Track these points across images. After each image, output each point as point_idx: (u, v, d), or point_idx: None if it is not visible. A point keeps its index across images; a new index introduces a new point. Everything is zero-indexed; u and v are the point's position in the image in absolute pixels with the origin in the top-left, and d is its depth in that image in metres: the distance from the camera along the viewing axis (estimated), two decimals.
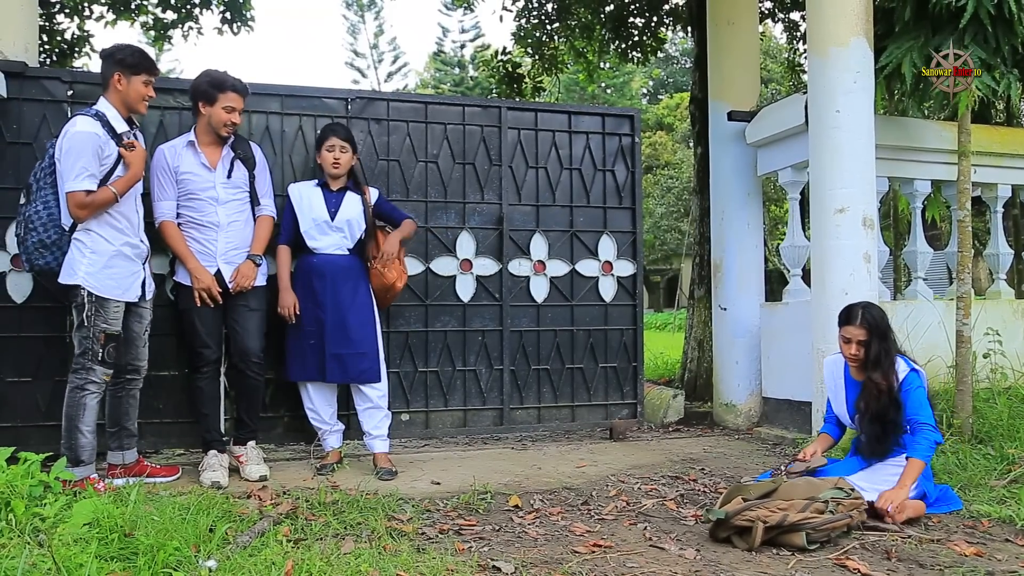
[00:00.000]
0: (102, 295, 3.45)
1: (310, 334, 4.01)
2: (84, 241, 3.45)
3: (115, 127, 3.47)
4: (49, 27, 8.17)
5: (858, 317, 3.39)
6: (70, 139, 3.35)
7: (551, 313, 4.98)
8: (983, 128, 5.45)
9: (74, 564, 2.16)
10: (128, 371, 3.69)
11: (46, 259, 3.47)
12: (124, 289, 3.54)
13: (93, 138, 3.36)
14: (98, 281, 3.45)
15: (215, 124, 3.83)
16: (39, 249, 3.46)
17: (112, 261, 3.50)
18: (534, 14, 9.38)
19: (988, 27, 4.29)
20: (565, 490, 3.72)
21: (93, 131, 3.37)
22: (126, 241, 3.55)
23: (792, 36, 9.95)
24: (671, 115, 30.94)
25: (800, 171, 5.33)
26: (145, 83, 3.56)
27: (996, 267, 5.73)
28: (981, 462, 3.76)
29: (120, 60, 3.50)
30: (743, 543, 2.84)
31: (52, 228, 3.44)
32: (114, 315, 3.50)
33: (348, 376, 4.02)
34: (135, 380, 3.74)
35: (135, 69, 3.51)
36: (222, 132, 3.86)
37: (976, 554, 2.77)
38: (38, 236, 3.44)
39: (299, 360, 4.04)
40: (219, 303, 3.85)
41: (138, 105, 3.58)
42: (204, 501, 3.08)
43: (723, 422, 5.71)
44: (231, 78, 3.85)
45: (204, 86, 3.82)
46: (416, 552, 2.69)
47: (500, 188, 4.90)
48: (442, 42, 37.61)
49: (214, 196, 3.86)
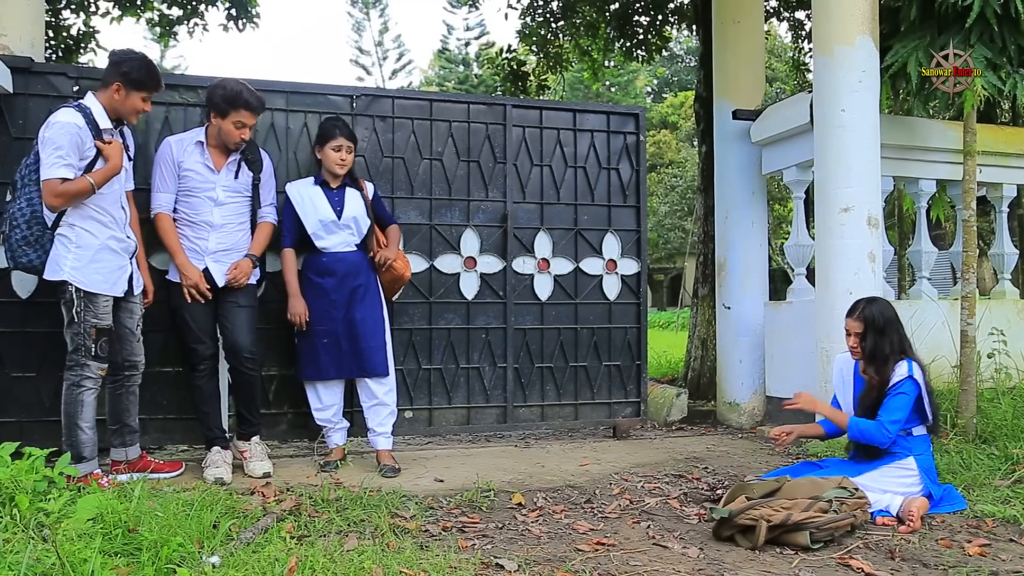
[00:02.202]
0: (90, 290, 3.42)
1: (324, 333, 4.01)
2: (69, 236, 3.41)
3: (98, 123, 3.43)
4: (55, 23, 8.17)
5: (857, 310, 3.45)
6: (51, 128, 3.31)
7: (555, 311, 4.98)
8: (989, 128, 5.44)
9: (78, 559, 2.16)
10: (126, 367, 3.69)
11: (29, 256, 3.40)
12: (111, 283, 3.51)
13: (73, 128, 3.31)
14: (85, 276, 3.41)
15: (225, 139, 3.82)
16: (22, 246, 3.39)
17: (98, 255, 3.46)
18: (539, 12, 9.37)
19: (994, 26, 4.28)
20: (568, 488, 3.72)
21: (74, 122, 3.32)
22: (111, 235, 3.51)
23: (797, 35, 9.92)
24: (675, 113, 30.91)
25: (805, 170, 5.32)
26: (144, 99, 3.54)
27: (1001, 267, 5.72)
28: (985, 462, 3.76)
29: (125, 73, 3.46)
30: (747, 542, 2.84)
31: (35, 225, 3.38)
32: (103, 309, 3.47)
33: (365, 370, 4.03)
34: (133, 376, 3.73)
35: (137, 85, 3.48)
36: (231, 146, 3.85)
37: (980, 554, 2.77)
38: (21, 233, 3.37)
39: (313, 361, 4.04)
40: (209, 300, 3.84)
41: (130, 117, 3.56)
42: (208, 497, 3.08)
43: (726, 421, 5.71)
44: (247, 94, 3.78)
45: (218, 98, 3.78)
46: (419, 549, 2.69)
47: (504, 186, 4.89)
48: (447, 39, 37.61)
49: (213, 196, 3.85)
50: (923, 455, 3.35)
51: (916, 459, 3.31)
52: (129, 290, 3.62)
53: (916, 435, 3.37)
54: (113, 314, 3.55)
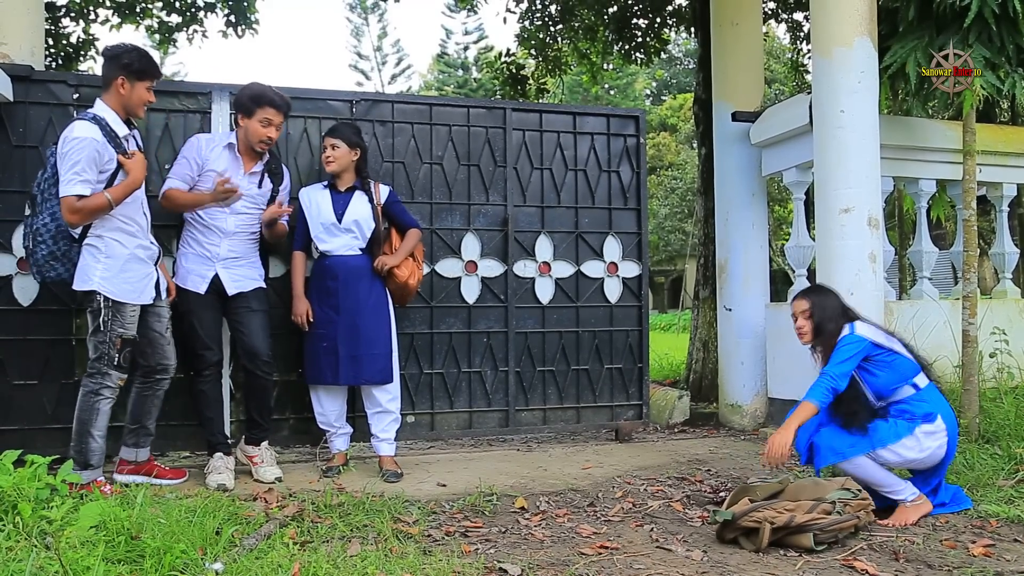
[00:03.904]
0: (118, 299, 3.43)
1: (323, 337, 4.00)
2: (98, 247, 3.42)
3: (116, 131, 3.43)
4: (55, 31, 8.19)
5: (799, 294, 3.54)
6: (68, 144, 3.29)
7: (556, 314, 4.98)
8: (988, 127, 5.44)
9: (81, 567, 2.17)
10: (158, 371, 3.69)
11: (57, 271, 3.45)
12: (139, 292, 3.53)
13: (91, 143, 3.29)
14: (114, 286, 3.42)
15: (251, 138, 3.82)
16: (50, 261, 3.42)
17: (127, 265, 3.48)
18: (537, 16, 9.38)
19: (992, 26, 4.28)
20: (571, 492, 3.71)
21: (91, 136, 3.30)
22: (138, 244, 3.53)
23: (796, 36, 9.93)
24: (675, 116, 30.91)
25: (805, 171, 5.32)
26: (148, 88, 3.52)
27: (1002, 266, 5.72)
28: (988, 462, 3.75)
29: (126, 65, 3.44)
30: (750, 544, 2.83)
31: (62, 240, 3.40)
32: (130, 319, 3.48)
33: (361, 378, 4.00)
34: (164, 380, 3.73)
35: (140, 75, 3.46)
36: (257, 147, 3.85)
37: (985, 554, 2.76)
38: (48, 248, 3.40)
39: (314, 364, 4.03)
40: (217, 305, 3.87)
41: (138, 109, 3.54)
42: (210, 504, 3.08)
43: (729, 423, 5.70)
44: (272, 92, 3.84)
45: (244, 99, 3.82)
46: (422, 554, 2.69)
47: (505, 189, 4.89)
48: (445, 44, 37.62)
49: (230, 204, 3.86)
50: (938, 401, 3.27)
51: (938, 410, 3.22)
52: (156, 296, 3.63)
53: (923, 386, 3.27)
54: (142, 320, 3.56)
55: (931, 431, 3.17)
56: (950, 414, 3.28)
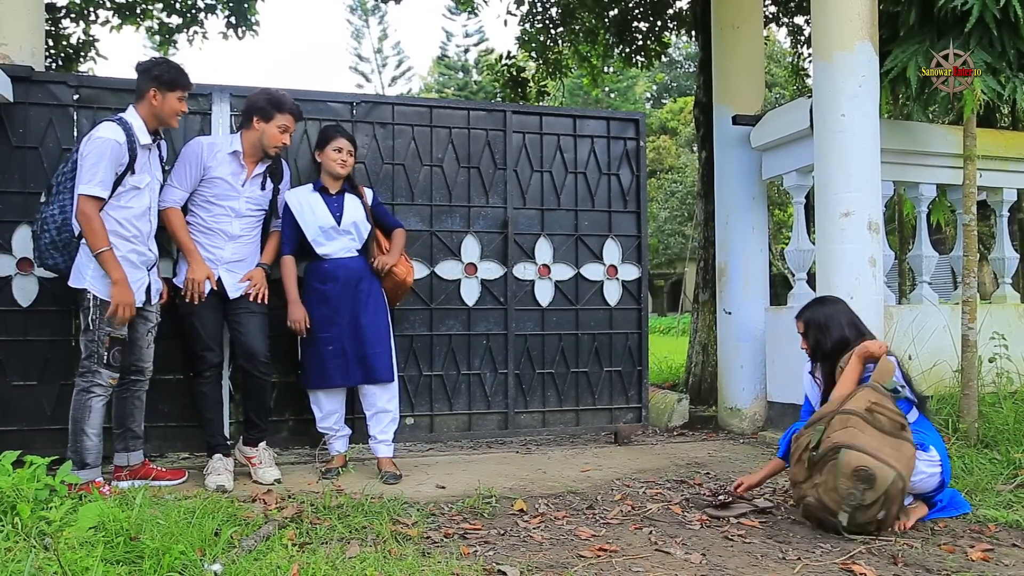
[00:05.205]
0: (107, 299, 3.47)
1: (328, 340, 4.00)
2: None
3: (139, 138, 3.51)
4: (55, 32, 8.20)
5: (800, 312, 3.55)
6: (92, 143, 3.39)
7: (556, 317, 4.98)
8: (988, 132, 5.45)
9: (80, 568, 2.16)
10: (132, 372, 3.71)
11: (55, 259, 3.55)
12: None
13: (115, 146, 3.40)
14: (103, 286, 3.46)
15: (266, 142, 3.85)
16: (50, 250, 3.54)
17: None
18: (538, 18, 9.39)
19: (993, 31, 4.29)
20: (570, 494, 3.71)
21: (115, 138, 3.41)
22: (133, 249, 3.56)
23: (796, 40, 9.94)
24: (675, 119, 30.94)
25: (805, 175, 5.33)
26: (179, 99, 3.61)
27: (1001, 271, 5.72)
28: (987, 466, 3.76)
29: (157, 76, 3.54)
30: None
31: (65, 231, 3.50)
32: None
33: (371, 377, 4.02)
34: (140, 381, 3.76)
35: (171, 86, 3.56)
36: (271, 151, 3.89)
37: (983, 559, 2.76)
38: (51, 237, 3.52)
39: (318, 369, 4.03)
40: (218, 306, 3.87)
41: (171, 119, 3.64)
42: (209, 505, 3.08)
43: (728, 426, 5.70)
44: (289, 100, 3.91)
45: (263, 102, 3.85)
46: (421, 556, 2.69)
47: (505, 192, 4.89)
48: (446, 46, 37.69)
49: (235, 208, 3.87)
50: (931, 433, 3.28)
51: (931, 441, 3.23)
52: (146, 299, 3.67)
53: (912, 420, 3.26)
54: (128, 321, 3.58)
55: (926, 459, 3.19)
56: (942, 447, 3.30)
